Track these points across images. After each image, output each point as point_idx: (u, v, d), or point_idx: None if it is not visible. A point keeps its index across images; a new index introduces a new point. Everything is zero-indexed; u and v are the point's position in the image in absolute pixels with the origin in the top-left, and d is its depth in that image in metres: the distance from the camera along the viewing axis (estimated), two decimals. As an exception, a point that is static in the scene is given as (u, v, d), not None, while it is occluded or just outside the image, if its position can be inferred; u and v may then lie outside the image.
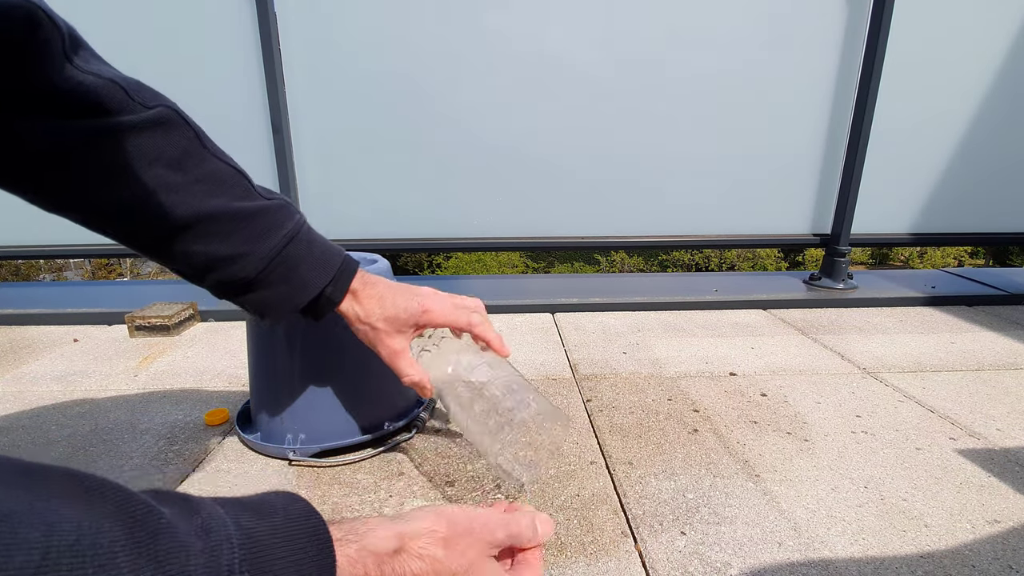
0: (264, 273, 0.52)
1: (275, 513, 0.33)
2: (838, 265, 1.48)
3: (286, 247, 0.53)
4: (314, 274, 0.55)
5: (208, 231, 0.50)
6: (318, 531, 0.34)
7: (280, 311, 0.55)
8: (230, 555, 0.28)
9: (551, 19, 1.36)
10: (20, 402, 0.88)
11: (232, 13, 1.31)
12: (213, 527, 0.29)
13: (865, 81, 1.38)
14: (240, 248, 0.51)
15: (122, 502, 0.26)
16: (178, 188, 0.49)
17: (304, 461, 0.69)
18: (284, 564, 0.31)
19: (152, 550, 0.25)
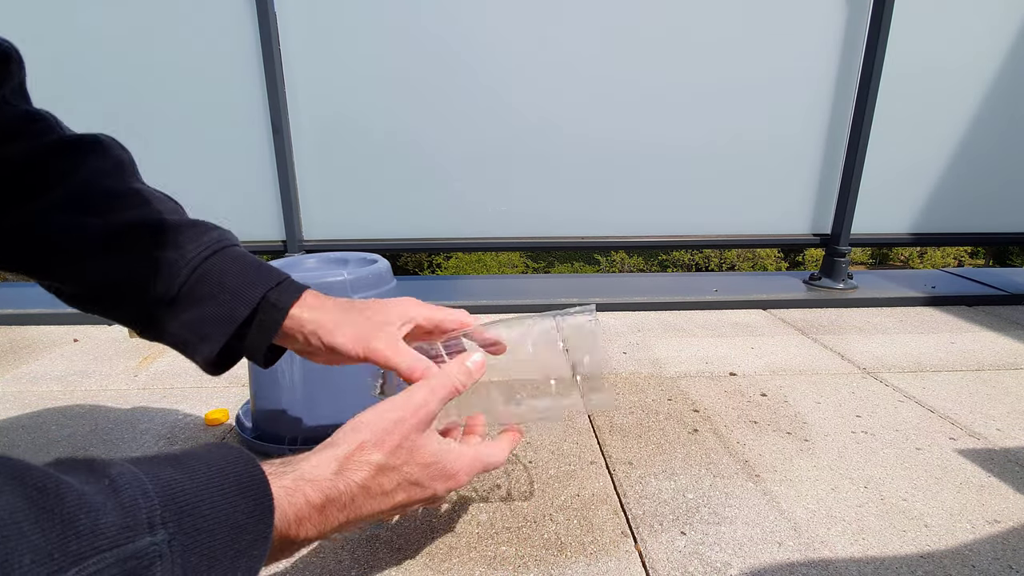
0: (188, 286, 0.46)
1: (198, 462, 0.31)
2: (838, 265, 1.48)
3: (212, 256, 0.47)
4: (250, 280, 0.47)
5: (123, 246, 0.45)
6: (250, 472, 0.32)
7: (215, 333, 0.46)
8: (148, 507, 0.27)
9: (551, 19, 1.36)
10: (20, 402, 0.88)
11: (232, 13, 1.31)
12: (123, 484, 0.27)
13: (865, 81, 1.38)
14: (161, 260, 0.45)
15: (18, 473, 0.24)
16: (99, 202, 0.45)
17: (304, 461, 0.69)
18: (212, 509, 0.29)
19: (58, 513, 0.24)
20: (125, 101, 1.35)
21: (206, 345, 0.47)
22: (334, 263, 0.79)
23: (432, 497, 0.42)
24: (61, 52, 1.31)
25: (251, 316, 0.47)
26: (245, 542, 0.30)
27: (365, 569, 0.52)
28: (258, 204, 1.43)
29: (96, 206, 0.45)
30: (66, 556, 0.23)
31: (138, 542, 0.25)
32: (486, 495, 0.63)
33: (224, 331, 0.46)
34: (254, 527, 0.30)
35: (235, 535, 0.29)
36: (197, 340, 0.47)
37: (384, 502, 0.39)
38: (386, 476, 0.38)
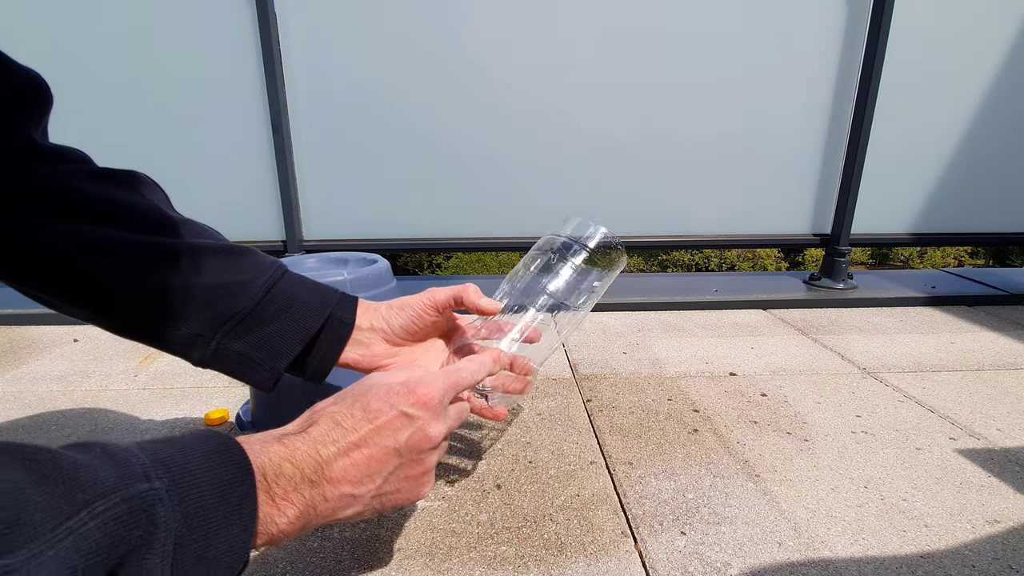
0: (263, 304, 0.48)
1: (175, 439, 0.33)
2: (838, 265, 1.48)
3: (282, 278, 0.50)
4: (317, 298, 0.51)
5: (198, 266, 0.46)
6: (223, 440, 0.33)
7: (287, 349, 0.49)
8: (142, 464, 0.28)
9: (551, 19, 1.36)
10: (20, 402, 0.88)
11: (232, 13, 1.31)
12: (114, 450, 0.29)
13: (865, 81, 1.38)
14: (233, 277, 0.47)
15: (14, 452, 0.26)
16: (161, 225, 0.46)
17: (304, 461, 0.69)
18: (198, 467, 0.30)
19: (58, 475, 0.25)
20: (125, 101, 1.35)
21: (278, 361, 0.49)
22: (334, 263, 0.79)
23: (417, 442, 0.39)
24: (61, 52, 1.31)
25: (318, 333, 0.50)
26: (234, 499, 0.31)
27: (365, 569, 0.52)
28: (258, 204, 1.43)
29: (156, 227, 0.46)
30: (73, 504, 0.24)
31: (138, 486, 0.27)
32: (486, 495, 0.63)
33: (296, 347, 0.49)
34: (239, 486, 0.32)
35: (223, 491, 0.31)
36: (268, 357, 0.48)
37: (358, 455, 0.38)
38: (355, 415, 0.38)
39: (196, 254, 0.46)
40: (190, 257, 0.46)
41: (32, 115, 0.43)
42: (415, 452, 0.40)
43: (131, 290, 0.45)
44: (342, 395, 0.41)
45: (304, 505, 0.35)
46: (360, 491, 0.38)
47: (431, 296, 0.54)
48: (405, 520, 0.59)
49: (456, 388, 0.44)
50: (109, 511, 0.26)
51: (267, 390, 0.50)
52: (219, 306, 0.46)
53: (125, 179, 0.47)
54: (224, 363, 0.48)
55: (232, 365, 0.48)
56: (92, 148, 0.48)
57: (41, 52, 1.30)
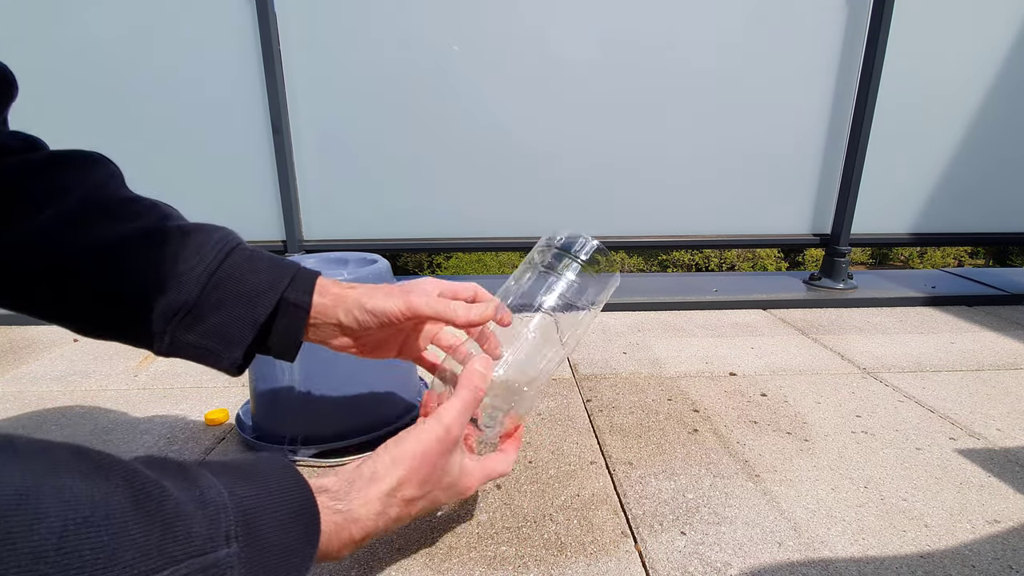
0: (207, 292, 0.46)
1: (266, 481, 0.35)
2: (838, 265, 1.48)
3: (227, 258, 0.47)
4: (266, 279, 0.47)
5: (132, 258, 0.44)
6: (305, 499, 0.36)
7: (237, 337, 0.47)
8: (227, 522, 0.31)
9: (551, 18, 1.36)
10: (20, 402, 0.88)
11: (232, 13, 1.31)
12: (210, 498, 0.31)
13: (865, 81, 1.38)
14: (176, 267, 0.45)
15: (128, 476, 0.28)
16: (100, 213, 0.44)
17: (304, 461, 0.69)
18: (273, 531, 0.33)
19: (159, 518, 0.27)
20: (125, 101, 1.35)
21: (233, 349, 0.47)
22: (334, 263, 0.79)
23: (439, 506, 0.46)
24: (60, 53, 1.31)
25: (271, 317, 0.48)
26: (293, 563, 0.34)
27: (365, 569, 0.52)
28: (258, 204, 1.43)
29: (100, 218, 0.44)
30: (162, 556, 0.27)
31: (218, 552, 0.30)
32: (486, 495, 0.63)
33: (248, 334, 0.47)
34: (302, 550, 0.35)
35: (286, 556, 0.34)
36: (222, 346, 0.47)
37: (405, 520, 0.43)
38: (415, 504, 0.43)
39: (139, 244, 0.45)
40: (133, 249, 0.44)
41: None
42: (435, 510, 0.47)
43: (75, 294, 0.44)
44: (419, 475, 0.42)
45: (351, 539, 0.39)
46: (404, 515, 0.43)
47: (410, 309, 0.49)
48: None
49: None
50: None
51: (233, 375, 0.50)
52: (164, 300, 0.45)
53: (70, 164, 0.45)
54: (182, 353, 0.48)
55: (190, 355, 0.48)
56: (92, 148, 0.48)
57: (41, 52, 1.30)
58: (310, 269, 0.50)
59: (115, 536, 0.25)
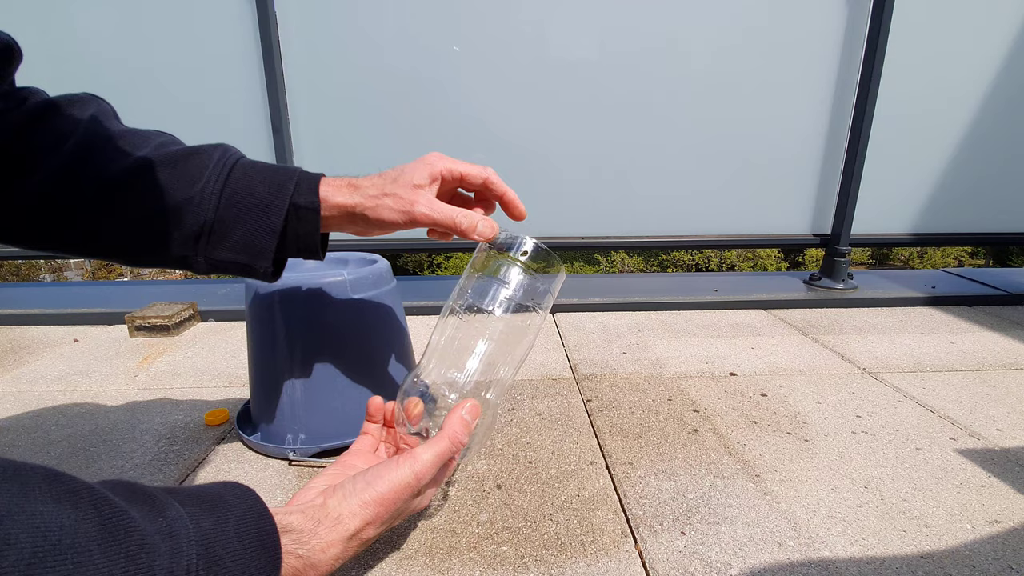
0: (222, 210, 0.48)
1: (229, 510, 0.37)
2: (838, 265, 1.48)
3: (231, 175, 0.49)
4: (272, 188, 0.49)
5: (145, 185, 0.46)
6: (268, 534, 0.38)
7: (263, 243, 0.49)
8: (189, 555, 0.32)
9: (551, 19, 1.36)
10: (20, 402, 0.88)
11: (232, 13, 1.31)
12: (175, 529, 0.32)
13: (865, 81, 1.38)
14: (185, 192, 0.47)
15: (97, 504, 0.29)
16: (104, 145, 0.46)
17: (304, 461, 0.69)
18: (235, 563, 0.34)
19: (124, 549, 0.28)
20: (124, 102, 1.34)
21: (262, 259, 0.50)
22: (334, 263, 0.79)
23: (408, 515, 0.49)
24: (58, 52, 1.31)
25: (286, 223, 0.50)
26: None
27: (365, 569, 0.52)
28: (258, 204, 1.43)
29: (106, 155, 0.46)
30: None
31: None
32: (486, 495, 0.63)
33: (271, 242, 0.49)
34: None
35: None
36: (252, 258, 0.50)
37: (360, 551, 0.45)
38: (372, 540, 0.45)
39: (143, 174, 0.47)
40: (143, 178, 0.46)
41: None
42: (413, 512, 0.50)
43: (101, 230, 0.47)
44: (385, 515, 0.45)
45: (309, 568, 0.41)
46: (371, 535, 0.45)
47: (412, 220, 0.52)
48: (405, 520, 0.59)
49: None
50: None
51: (271, 281, 0.53)
52: (184, 224, 0.47)
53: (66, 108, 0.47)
54: (221, 270, 0.50)
55: (229, 270, 0.50)
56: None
57: (40, 52, 1.30)
58: (311, 172, 0.52)
59: (80, 565, 0.26)
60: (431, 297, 1.36)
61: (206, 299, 1.36)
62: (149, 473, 0.68)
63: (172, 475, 0.68)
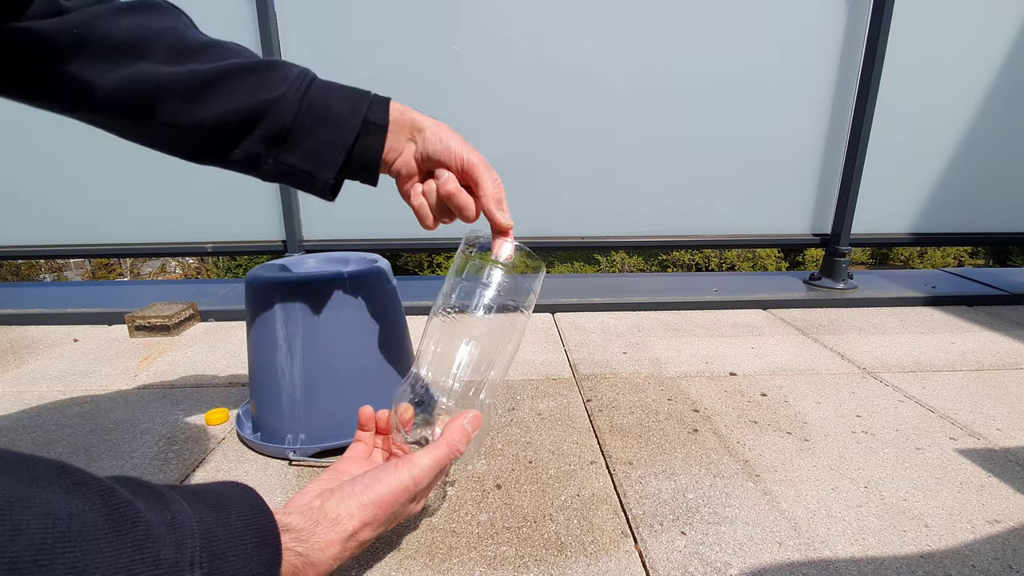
0: (300, 117, 0.51)
1: (231, 507, 0.37)
2: (838, 265, 1.48)
3: (310, 87, 0.52)
4: (349, 105, 0.52)
5: (230, 88, 0.49)
6: (269, 531, 0.38)
7: (332, 156, 0.52)
8: (192, 547, 0.32)
9: (550, 20, 1.36)
10: (20, 402, 0.88)
11: (232, 13, 1.31)
12: (179, 522, 0.33)
13: (865, 81, 1.38)
14: (267, 95, 0.50)
15: (105, 495, 0.30)
16: (192, 52, 0.49)
17: (304, 461, 0.69)
18: (236, 558, 0.35)
19: (131, 538, 0.29)
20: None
21: (327, 170, 0.52)
22: (334, 263, 0.79)
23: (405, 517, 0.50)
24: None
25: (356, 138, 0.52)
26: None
27: (365, 569, 0.52)
28: (258, 204, 1.43)
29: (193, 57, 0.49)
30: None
31: None
32: (486, 495, 0.63)
33: (340, 155, 0.52)
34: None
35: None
36: (318, 168, 0.52)
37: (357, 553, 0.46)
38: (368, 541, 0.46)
39: (230, 77, 0.49)
40: (225, 81, 0.49)
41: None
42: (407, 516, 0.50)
43: (183, 123, 0.49)
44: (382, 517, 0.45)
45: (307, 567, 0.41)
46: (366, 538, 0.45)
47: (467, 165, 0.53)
48: (405, 520, 0.59)
49: None
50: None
51: (328, 198, 0.55)
52: (263, 124, 0.50)
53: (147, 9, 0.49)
54: (284, 177, 0.53)
55: (291, 177, 0.53)
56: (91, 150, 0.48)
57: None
58: (381, 96, 0.54)
59: (88, 553, 0.27)
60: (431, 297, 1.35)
61: (206, 299, 1.36)
62: (149, 473, 0.68)
63: (172, 475, 0.68)
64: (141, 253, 1.48)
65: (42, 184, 1.39)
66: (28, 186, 1.40)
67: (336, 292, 0.68)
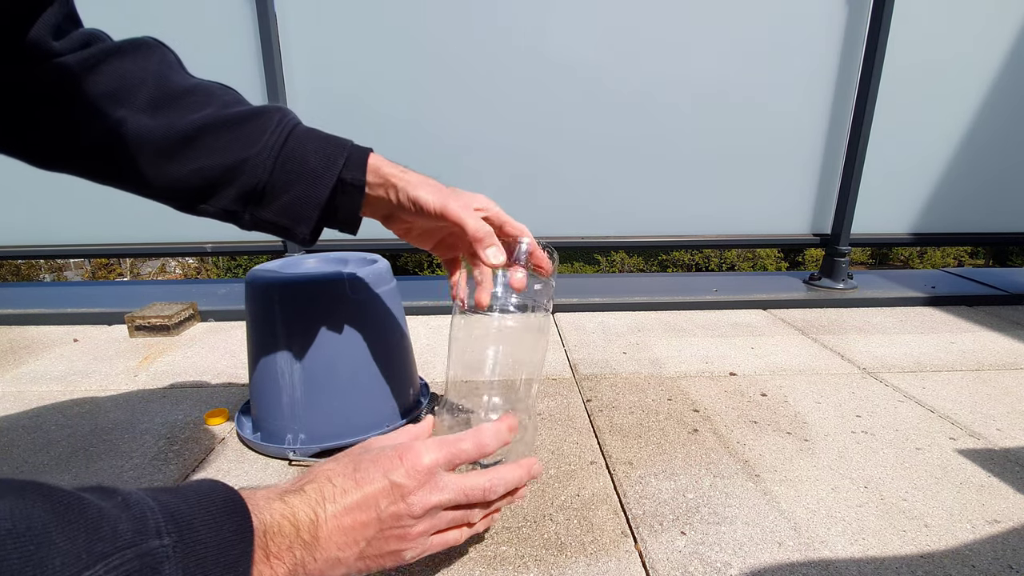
0: (275, 174, 0.51)
1: (189, 491, 0.35)
2: (838, 265, 1.48)
3: (287, 142, 0.52)
4: (324, 160, 0.52)
5: (206, 144, 0.49)
6: (233, 500, 0.35)
7: (306, 212, 0.52)
8: (155, 519, 0.30)
9: (550, 18, 1.36)
10: (20, 402, 0.88)
11: (232, 13, 1.31)
12: (133, 501, 0.31)
13: (865, 81, 1.38)
14: (243, 153, 0.50)
15: (45, 493, 0.28)
16: (169, 102, 0.49)
17: (304, 461, 0.69)
18: (204, 527, 0.33)
19: (83, 524, 0.28)
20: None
21: (303, 225, 0.53)
22: (334, 262, 0.79)
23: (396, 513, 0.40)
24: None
25: (332, 195, 0.52)
26: (232, 556, 0.33)
27: (365, 569, 0.52)
28: (258, 204, 1.43)
29: (171, 107, 0.49)
30: (91, 555, 0.27)
31: (151, 543, 0.29)
32: (486, 495, 0.63)
33: (314, 212, 0.52)
34: (238, 544, 0.34)
35: (223, 549, 0.33)
36: (294, 223, 0.53)
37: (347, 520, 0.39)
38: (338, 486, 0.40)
39: (206, 132, 0.49)
40: (201, 138, 0.49)
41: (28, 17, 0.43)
42: (395, 521, 0.40)
43: (155, 180, 0.50)
44: (341, 456, 0.43)
45: (294, 564, 0.37)
46: (344, 555, 0.39)
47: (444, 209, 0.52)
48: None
49: (453, 461, 0.43)
50: (123, 566, 0.28)
51: (307, 246, 0.56)
52: (239, 182, 0.50)
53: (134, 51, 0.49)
54: (262, 228, 0.54)
55: (269, 230, 0.54)
56: (92, 148, 0.49)
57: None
58: (361, 147, 0.54)
59: (40, 545, 0.25)
60: (431, 297, 1.36)
61: (206, 299, 1.36)
62: (149, 473, 0.68)
63: (172, 475, 0.68)
64: (141, 253, 1.48)
65: (42, 184, 1.39)
66: (28, 186, 1.40)
67: (336, 292, 0.69)
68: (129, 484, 0.65)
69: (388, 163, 0.54)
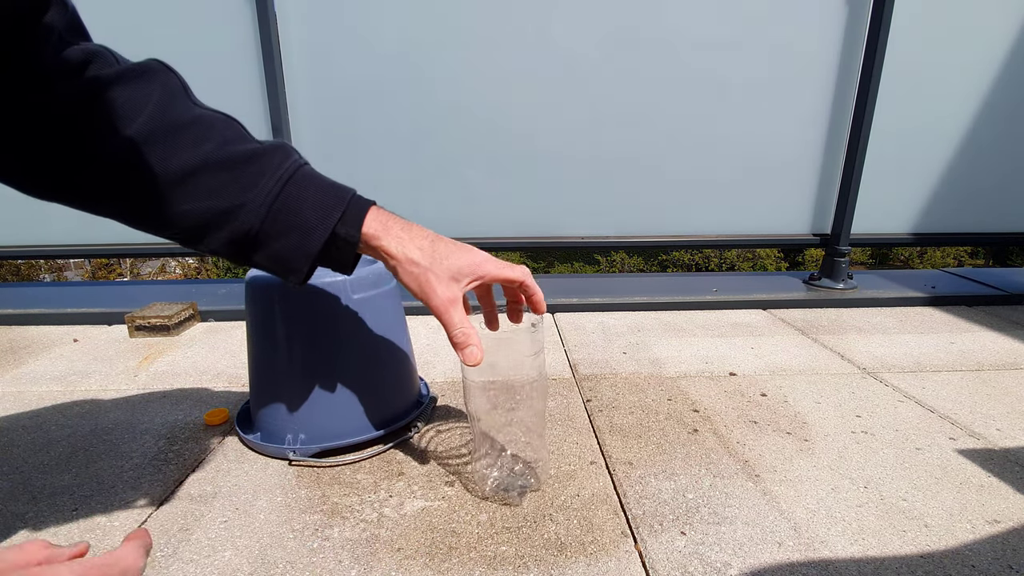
0: (268, 223, 0.50)
1: None
2: (838, 265, 1.48)
3: (284, 189, 0.50)
4: (320, 213, 0.51)
5: (200, 184, 0.48)
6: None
7: (297, 264, 0.52)
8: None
9: (551, 17, 1.36)
10: (20, 402, 0.88)
11: (232, 14, 1.31)
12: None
13: (865, 81, 1.38)
14: (237, 198, 0.49)
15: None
16: (167, 137, 0.47)
17: (304, 461, 0.69)
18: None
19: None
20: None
21: (293, 275, 0.53)
22: (334, 263, 0.79)
23: None
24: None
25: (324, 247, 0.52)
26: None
27: (365, 569, 0.52)
28: (258, 204, 1.43)
29: (167, 142, 0.47)
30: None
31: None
32: (485, 496, 0.63)
33: (304, 264, 0.52)
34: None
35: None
36: (284, 272, 0.53)
37: None
38: None
39: (203, 172, 0.48)
40: (197, 178, 0.48)
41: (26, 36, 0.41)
42: None
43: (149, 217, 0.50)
44: None
45: None
46: None
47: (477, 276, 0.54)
48: (405, 520, 0.59)
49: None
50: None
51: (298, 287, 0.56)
52: (231, 227, 0.50)
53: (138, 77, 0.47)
54: (256, 267, 0.55)
55: (262, 269, 0.54)
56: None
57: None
58: (363, 198, 0.54)
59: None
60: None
61: (206, 299, 1.36)
62: (149, 473, 0.68)
63: (172, 475, 0.68)
64: (141, 253, 1.48)
65: (42, 184, 1.39)
66: (28, 186, 1.40)
67: (336, 293, 0.69)
68: (129, 484, 0.65)
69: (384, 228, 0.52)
